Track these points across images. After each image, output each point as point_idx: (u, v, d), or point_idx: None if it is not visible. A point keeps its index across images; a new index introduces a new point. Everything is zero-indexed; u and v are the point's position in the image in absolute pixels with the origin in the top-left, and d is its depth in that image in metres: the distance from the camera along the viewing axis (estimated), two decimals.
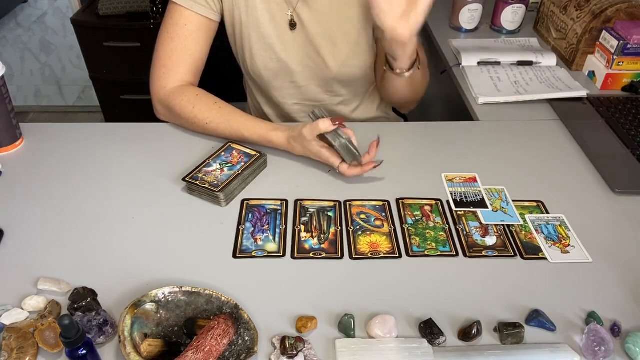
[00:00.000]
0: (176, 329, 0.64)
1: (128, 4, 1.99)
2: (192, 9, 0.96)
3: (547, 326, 0.66)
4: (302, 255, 0.76)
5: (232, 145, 0.92)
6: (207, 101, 0.96)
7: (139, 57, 1.99)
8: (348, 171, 0.87)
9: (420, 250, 0.77)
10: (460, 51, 1.30)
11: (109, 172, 0.90)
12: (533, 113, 1.11)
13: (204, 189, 0.83)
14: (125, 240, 0.77)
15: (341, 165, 0.87)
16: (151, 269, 0.72)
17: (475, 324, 0.64)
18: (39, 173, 0.90)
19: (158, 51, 0.99)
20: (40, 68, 2.53)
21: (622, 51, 1.16)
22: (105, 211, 0.82)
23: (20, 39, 2.43)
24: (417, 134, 1.02)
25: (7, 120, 0.92)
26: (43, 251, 0.75)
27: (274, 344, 0.63)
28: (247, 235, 0.78)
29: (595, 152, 0.97)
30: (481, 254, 0.76)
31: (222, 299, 0.65)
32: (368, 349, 0.62)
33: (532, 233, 0.80)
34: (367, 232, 0.80)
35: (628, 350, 0.63)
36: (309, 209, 0.83)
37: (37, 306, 0.66)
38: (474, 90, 1.17)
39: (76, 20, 2.01)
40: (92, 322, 0.62)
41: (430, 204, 0.85)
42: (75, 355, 0.55)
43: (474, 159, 0.96)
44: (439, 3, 1.62)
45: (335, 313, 0.67)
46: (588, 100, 1.14)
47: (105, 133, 1.00)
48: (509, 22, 1.45)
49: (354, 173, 0.87)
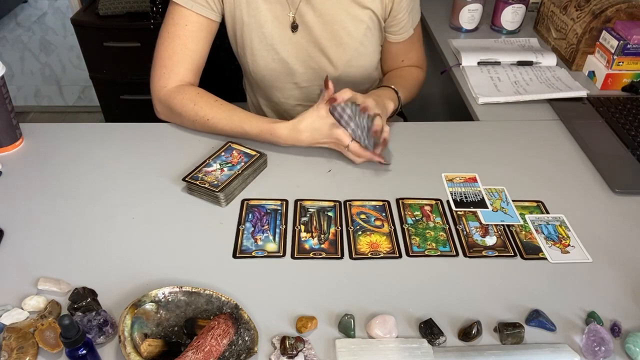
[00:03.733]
0: (176, 329, 0.64)
1: (128, 4, 1.99)
2: (192, 9, 0.96)
3: (547, 326, 0.66)
4: (302, 255, 0.76)
5: (232, 145, 0.92)
6: (207, 99, 0.97)
7: (139, 57, 1.99)
8: (359, 150, 0.87)
9: (420, 250, 0.77)
10: (460, 51, 1.30)
11: (109, 172, 0.90)
12: (533, 113, 1.11)
13: (204, 189, 0.83)
14: (125, 240, 0.77)
15: (352, 143, 0.87)
16: (151, 269, 0.72)
17: (475, 324, 0.64)
18: (39, 173, 0.90)
19: (158, 51, 0.99)
20: (40, 68, 2.53)
21: (622, 51, 1.16)
22: (105, 211, 0.82)
23: (20, 39, 2.43)
24: (417, 134, 1.02)
25: (7, 120, 0.92)
26: (43, 251, 0.75)
27: (274, 344, 0.63)
28: (247, 235, 0.78)
29: (595, 152, 0.97)
30: (481, 254, 0.76)
31: (222, 299, 0.65)
32: (368, 349, 0.62)
33: (532, 233, 0.80)
34: (367, 232, 0.80)
35: (628, 350, 0.63)
36: (309, 209, 0.83)
37: (37, 306, 0.66)
38: (474, 90, 1.17)
39: (76, 20, 2.01)
40: (92, 322, 0.62)
41: (430, 204, 0.85)
42: (75, 355, 0.55)
43: (474, 159, 0.96)
44: (439, 3, 1.63)
45: (335, 313, 0.67)
46: (588, 100, 1.14)
47: (105, 133, 1.00)
48: (509, 22, 1.45)
49: (363, 155, 0.88)
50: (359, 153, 0.89)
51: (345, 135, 0.88)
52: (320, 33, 1.01)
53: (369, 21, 1.02)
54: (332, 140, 0.89)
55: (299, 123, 0.90)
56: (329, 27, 1.01)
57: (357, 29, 1.02)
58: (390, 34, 1.08)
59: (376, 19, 1.03)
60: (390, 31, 1.07)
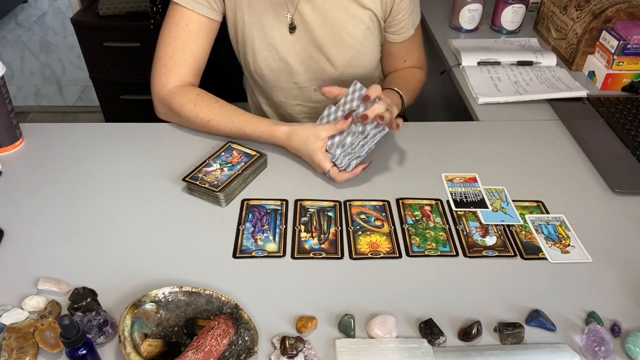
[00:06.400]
0: (176, 329, 0.64)
1: (128, 4, 1.99)
2: (193, 9, 0.96)
3: (547, 326, 0.66)
4: (302, 255, 0.76)
5: (232, 145, 0.92)
6: (207, 100, 0.97)
7: (139, 57, 1.99)
8: (338, 176, 0.87)
9: (420, 250, 0.77)
10: (460, 51, 1.30)
11: (109, 172, 0.90)
12: (533, 113, 1.11)
13: (204, 189, 0.83)
14: (125, 240, 0.77)
15: (332, 169, 0.87)
16: (151, 269, 0.72)
17: (475, 324, 0.64)
18: (39, 173, 0.90)
19: (159, 51, 0.99)
20: (40, 68, 2.53)
21: (622, 51, 1.16)
22: (105, 211, 0.82)
23: (20, 39, 2.43)
24: (417, 134, 1.02)
25: (7, 120, 0.92)
26: (43, 251, 0.75)
27: (274, 344, 0.63)
28: (247, 235, 0.78)
29: (595, 152, 0.97)
30: (481, 254, 0.76)
31: (222, 299, 0.65)
32: (368, 349, 0.62)
33: (532, 233, 0.80)
34: (367, 232, 0.80)
35: (628, 350, 0.63)
36: (309, 209, 0.83)
37: (37, 306, 0.66)
38: (474, 90, 1.17)
39: (76, 20, 2.01)
40: (92, 322, 0.62)
41: (430, 204, 0.85)
42: (75, 355, 0.55)
43: (474, 159, 0.96)
44: (439, 3, 1.63)
45: (335, 313, 0.67)
46: (588, 100, 1.14)
47: (105, 133, 1.00)
48: (509, 22, 1.45)
49: (343, 178, 0.87)
50: (338, 179, 0.87)
51: (326, 162, 0.87)
52: (320, 33, 1.01)
53: (369, 22, 1.02)
54: (313, 163, 0.89)
55: (296, 132, 0.90)
56: (329, 27, 1.01)
57: (357, 29, 1.02)
58: (390, 34, 1.08)
59: (376, 20, 1.03)
60: (390, 31, 1.07)
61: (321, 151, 0.87)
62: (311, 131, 0.88)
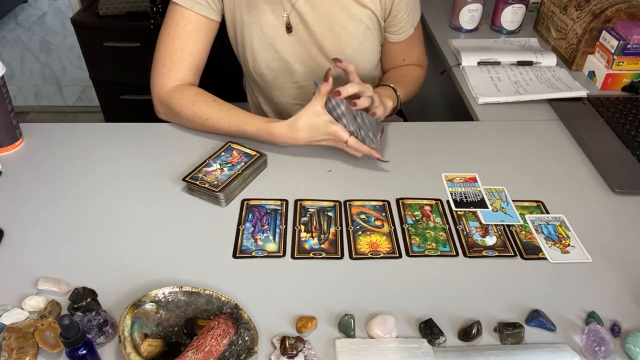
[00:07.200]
0: (176, 329, 0.64)
1: (128, 4, 1.99)
2: (192, 9, 0.96)
3: (547, 326, 0.66)
4: (302, 255, 0.76)
5: (232, 145, 0.92)
6: (206, 99, 0.97)
7: (139, 57, 1.99)
8: (357, 145, 0.87)
9: (420, 250, 0.77)
10: (460, 51, 1.30)
11: (109, 172, 0.90)
12: (533, 113, 1.11)
13: (204, 189, 0.83)
14: (125, 240, 0.77)
15: (350, 138, 0.87)
16: (151, 269, 0.72)
17: (475, 324, 0.64)
18: (39, 173, 0.90)
19: (158, 51, 0.99)
20: (40, 68, 2.53)
21: (622, 51, 1.16)
22: (105, 211, 0.82)
23: (20, 39, 2.43)
24: (417, 134, 1.02)
25: (7, 120, 0.92)
26: (43, 251, 0.75)
27: (274, 344, 0.63)
28: (247, 235, 0.78)
29: (595, 152, 0.97)
30: (481, 254, 0.76)
31: (222, 299, 0.65)
32: (368, 349, 0.62)
33: (532, 233, 0.80)
34: (367, 232, 0.80)
35: (628, 350, 0.63)
36: (309, 209, 0.83)
37: (37, 306, 0.66)
38: (474, 90, 1.17)
39: (76, 20, 2.01)
40: (92, 322, 0.62)
41: (430, 204, 0.85)
42: (75, 355, 0.55)
43: (474, 159, 0.96)
44: (439, 3, 1.63)
45: (335, 313, 0.67)
46: (588, 100, 1.14)
47: (105, 133, 1.00)
48: (509, 22, 1.45)
49: (362, 149, 0.87)
50: (357, 147, 0.88)
51: (343, 131, 0.87)
52: (320, 32, 1.01)
53: (369, 21, 1.02)
54: (330, 137, 0.89)
55: (296, 121, 0.89)
56: (328, 26, 1.01)
57: (356, 28, 1.02)
58: (390, 33, 1.08)
59: (376, 19, 1.03)
60: (390, 31, 1.07)
61: (332, 122, 0.87)
62: (307, 113, 0.88)
